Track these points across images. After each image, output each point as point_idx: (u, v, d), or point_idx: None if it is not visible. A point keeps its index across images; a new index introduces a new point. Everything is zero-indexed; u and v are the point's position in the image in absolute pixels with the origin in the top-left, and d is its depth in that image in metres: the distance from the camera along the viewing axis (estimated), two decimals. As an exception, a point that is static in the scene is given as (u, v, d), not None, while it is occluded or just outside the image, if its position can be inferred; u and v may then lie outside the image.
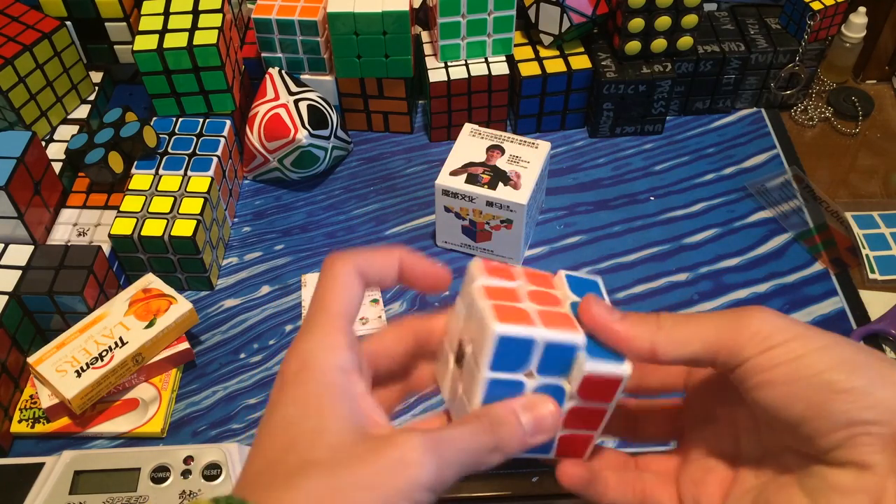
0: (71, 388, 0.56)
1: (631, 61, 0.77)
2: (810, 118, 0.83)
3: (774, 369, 0.32)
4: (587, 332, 0.35)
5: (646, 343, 0.34)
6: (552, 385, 0.35)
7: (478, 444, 0.32)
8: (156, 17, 0.69)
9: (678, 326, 0.34)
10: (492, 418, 0.33)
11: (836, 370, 0.31)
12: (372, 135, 0.82)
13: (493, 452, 0.33)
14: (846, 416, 0.31)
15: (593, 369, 0.34)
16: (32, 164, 0.64)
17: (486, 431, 0.33)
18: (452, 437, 0.32)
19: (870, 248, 0.70)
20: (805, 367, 0.32)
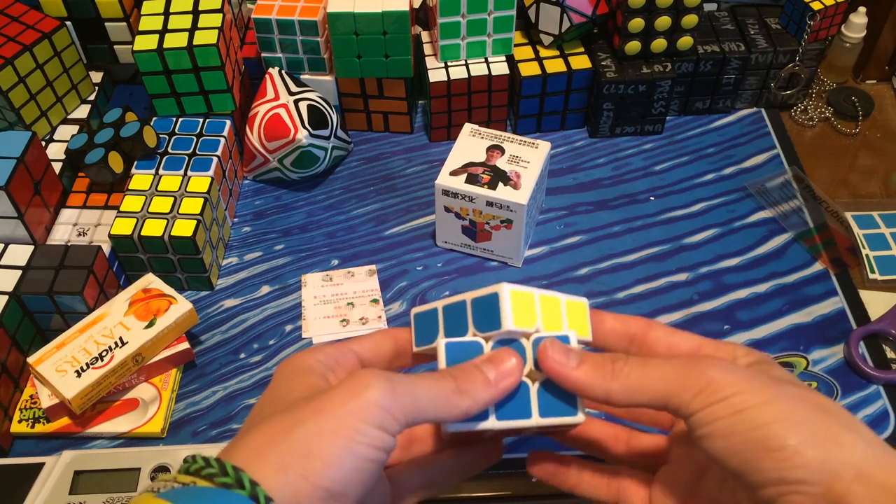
0: (71, 388, 0.56)
1: (631, 61, 0.77)
2: (810, 118, 0.83)
3: (715, 423, 0.33)
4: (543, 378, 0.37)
5: (600, 392, 0.35)
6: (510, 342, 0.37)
7: (437, 384, 0.34)
8: (156, 17, 0.69)
9: (633, 374, 0.35)
10: (452, 369, 0.35)
11: (772, 426, 0.32)
12: (372, 135, 0.82)
13: (458, 394, 0.34)
14: (777, 475, 0.32)
15: (547, 423, 0.37)
16: (32, 164, 0.64)
17: (446, 376, 0.34)
18: (410, 375, 0.34)
19: (870, 248, 0.70)
20: (744, 422, 0.32)
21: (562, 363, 0.36)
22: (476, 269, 0.70)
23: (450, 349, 0.36)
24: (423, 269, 0.70)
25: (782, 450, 0.31)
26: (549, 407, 0.37)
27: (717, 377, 0.33)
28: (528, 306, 0.37)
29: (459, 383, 0.34)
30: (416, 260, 0.71)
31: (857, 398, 0.61)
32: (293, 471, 0.29)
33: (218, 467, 0.30)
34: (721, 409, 0.33)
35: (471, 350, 0.37)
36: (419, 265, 0.70)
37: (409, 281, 0.69)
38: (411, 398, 0.32)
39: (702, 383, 0.33)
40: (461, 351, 0.36)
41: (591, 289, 0.68)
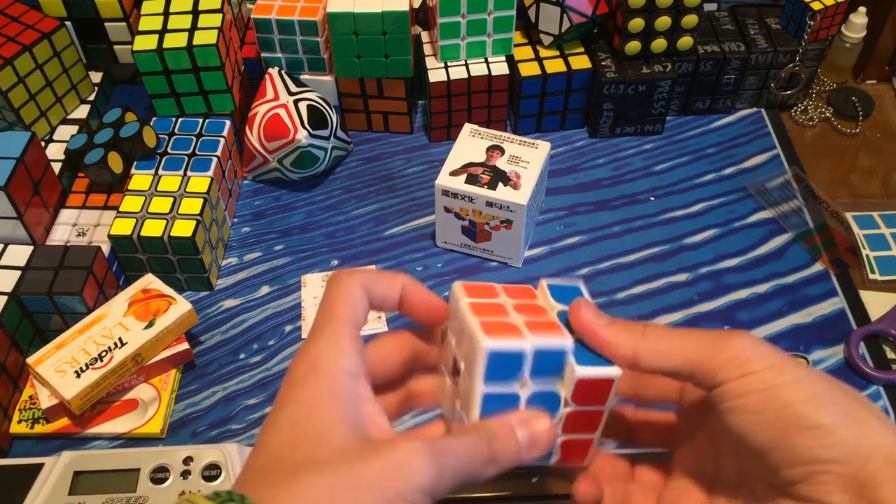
0: (70, 389, 0.56)
1: (631, 61, 0.77)
2: (810, 118, 0.83)
3: (747, 396, 0.33)
4: (576, 338, 0.36)
5: (628, 351, 0.35)
6: (547, 392, 0.36)
7: (475, 455, 0.33)
8: (155, 17, 0.69)
9: (662, 339, 0.35)
10: (489, 431, 0.34)
11: (805, 404, 0.32)
12: (372, 135, 0.82)
13: (489, 464, 0.33)
14: (809, 453, 0.32)
15: (584, 374, 0.35)
16: (32, 164, 0.64)
17: (483, 444, 0.33)
18: (452, 445, 0.33)
19: (870, 249, 0.70)
20: (776, 398, 0.32)
21: (592, 321, 0.36)
22: (476, 270, 0.70)
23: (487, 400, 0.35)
24: (423, 270, 0.70)
25: (817, 428, 0.31)
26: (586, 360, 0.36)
27: (746, 349, 0.33)
28: None
29: (494, 452, 0.34)
30: (415, 260, 0.71)
31: (858, 398, 0.61)
32: None
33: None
34: (754, 382, 0.32)
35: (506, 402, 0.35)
36: (419, 265, 0.70)
37: (408, 281, 0.69)
38: (452, 476, 0.32)
39: (730, 353, 0.33)
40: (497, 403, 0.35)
41: (592, 289, 0.68)
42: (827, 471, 0.31)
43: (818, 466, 0.31)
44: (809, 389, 0.32)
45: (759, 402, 0.32)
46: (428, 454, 0.31)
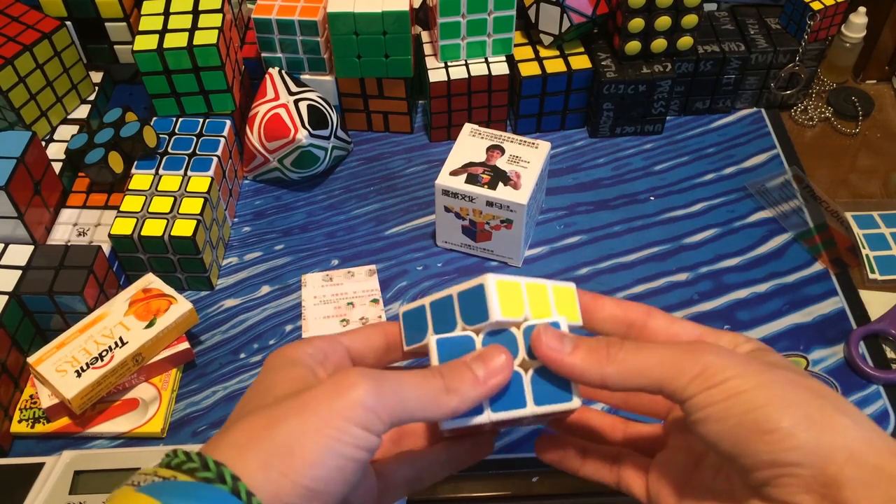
0: (71, 388, 0.56)
1: (631, 61, 0.77)
2: (810, 118, 0.83)
3: (710, 407, 0.33)
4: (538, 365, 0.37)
5: (596, 376, 0.35)
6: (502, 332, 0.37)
7: (425, 382, 0.34)
8: (156, 17, 0.69)
9: (629, 358, 0.35)
10: (441, 367, 0.35)
11: (766, 409, 0.32)
12: (372, 135, 0.82)
13: (446, 393, 0.34)
14: (769, 457, 0.32)
15: (543, 411, 0.36)
16: (32, 164, 0.64)
17: (434, 374, 0.34)
18: (397, 373, 0.34)
19: (870, 248, 0.70)
20: (737, 405, 0.32)
21: (556, 349, 0.36)
22: (476, 270, 0.70)
23: (441, 345, 0.36)
24: (423, 269, 0.70)
25: (775, 432, 0.31)
26: (544, 395, 0.36)
27: (712, 362, 0.34)
28: (515, 295, 0.37)
29: (447, 381, 0.34)
30: (416, 260, 0.71)
31: (857, 398, 0.61)
32: (275, 468, 0.29)
33: (199, 462, 0.29)
34: (716, 394, 0.33)
35: (462, 345, 0.36)
36: (419, 265, 0.70)
37: (409, 281, 0.69)
38: (398, 398, 0.32)
39: (698, 368, 0.34)
40: (452, 347, 0.36)
41: (591, 289, 0.68)
42: (789, 473, 0.32)
43: (780, 469, 0.32)
44: (771, 393, 0.32)
45: (722, 411, 0.33)
46: (364, 374, 0.32)
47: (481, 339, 0.37)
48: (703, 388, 0.33)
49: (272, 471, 0.29)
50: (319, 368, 0.35)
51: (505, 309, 0.36)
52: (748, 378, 0.33)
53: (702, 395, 0.33)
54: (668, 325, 0.39)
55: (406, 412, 0.33)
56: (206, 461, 0.29)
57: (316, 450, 0.30)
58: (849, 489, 0.31)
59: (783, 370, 0.34)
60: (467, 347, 0.36)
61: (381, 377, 0.32)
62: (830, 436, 0.31)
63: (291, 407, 0.31)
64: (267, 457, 0.30)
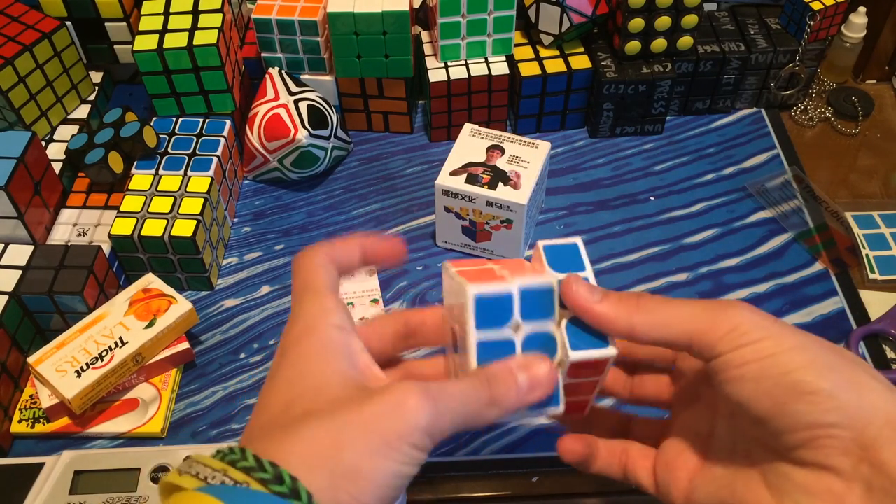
0: (71, 388, 0.56)
1: (631, 61, 0.77)
2: (810, 118, 0.83)
3: (745, 366, 0.33)
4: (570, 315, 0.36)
5: (624, 325, 0.35)
6: (542, 334, 0.36)
7: (474, 396, 0.33)
8: (156, 17, 0.69)
9: (658, 310, 0.35)
10: (487, 374, 0.35)
11: (804, 371, 0.32)
12: (372, 135, 0.82)
13: (489, 406, 0.34)
14: (809, 418, 0.32)
15: (578, 357, 0.36)
16: (32, 164, 0.64)
17: (482, 386, 0.34)
18: (449, 387, 0.33)
19: (870, 248, 0.70)
20: (774, 366, 0.32)
21: (586, 297, 0.36)
22: (476, 269, 0.70)
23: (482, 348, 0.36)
24: (423, 269, 0.70)
25: (817, 393, 0.32)
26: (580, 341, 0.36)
27: (746, 319, 0.33)
28: None
29: (494, 393, 0.34)
30: (416, 260, 0.71)
31: (857, 398, 0.61)
32: (343, 490, 0.30)
33: (273, 473, 0.29)
34: (750, 353, 0.33)
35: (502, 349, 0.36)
36: (419, 265, 0.70)
37: (409, 281, 0.69)
38: (450, 418, 0.32)
39: (729, 324, 0.33)
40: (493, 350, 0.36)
41: (591, 289, 0.68)
42: (828, 435, 0.32)
43: (819, 431, 0.32)
44: (807, 356, 0.32)
45: (758, 371, 0.33)
46: (424, 394, 0.32)
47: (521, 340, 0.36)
48: (735, 346, 0.33)
49: (340, 492, 0.30)
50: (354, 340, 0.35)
51: None
52: (784, 338, 0.33)
53: (734, 354, 0.33)
54: None
55: (454, 429, 0.33)
56: (280, 475, 0.29)
57: (381, 473, 0.30)
58: (887, 451, 0.31)
59: (809, 334, 0.34)
60: (507, 352, 0.36)
61: (438, 397, 0.32)
62: (869, 399, 0.32)
63: (356, 426, 0.31)
64: (335, 478, 0.30)
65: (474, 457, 0.58)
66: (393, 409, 0.31)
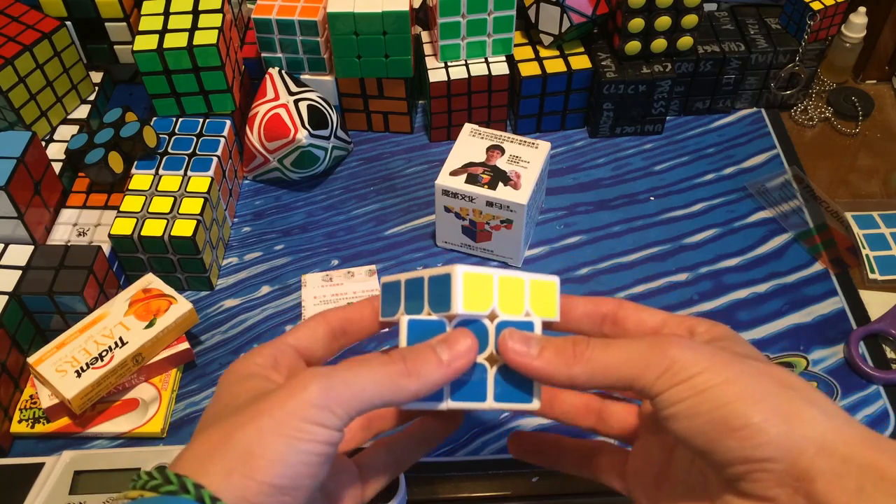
0: (71, 388, 0.56)
1: (631, 61, 0.77)
2: (810, 118, 0.83)
3: (679, 404, 0.33)
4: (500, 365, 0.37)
5: (564, 378, 0.35)
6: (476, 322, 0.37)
7: (384, 369, 0.34)
8: (156, 17, 0.69)
9: (594, 358, 0.35)
10: (403, 350, 0.35)
11: (734, 405, 0.32)
12: (372, 135, 0.82)
13: (407, 376, 0.34)
14: (741, 453, 0.32)
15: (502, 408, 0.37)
16: (32, 164, 0.64)
17: (396, 359, 0.34)
18: (349, 362, 0.34)
19: (870, 248, 0.70)
20: (706, 402, 0.32)
21: (522, 353, 0.36)
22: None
23: (412, 327, 0.36)
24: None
25: (746, 428, 0.31)
26: (505, 393, 0.37)
27: (680, 357, 0.33)
28: (484, 289, 0.36)
29: (409, 364, 0.34)
30: (416, 260, 0.71)
31: (857, 398, 0.61)
32: (237, 472, 0.30)
33: (161, 478, 0.31)
34: (685, 390, 0.33)
35: (434, 329, 0.36)
36: (419, 265, 0.70)
37: (409, 281, 0.69)
38: (351, 391, 0.33)
39: (665, 363, 0.33)
40: (424, 329, 0.36)
41: (591, 289, 0.68)
42: (762, 468, 0.32)
43: (752, 465, 0.32)
44: (739, 388, 0.32)
45: (692, 408, 0.33)
46: (315, 373, 0.33)
47: (453, 325, 0.37)
48: (671, 385, 0.33)
49: (234, 475, 0.30)
50: (274, 374, 0.36)
51: (468, 303, 0.36)
52: (716, 373, 0.33)
53: (670, 392, 0.33)
54: (636, 313, 0.39)
55: (363, 401, 0.33)
56: (167, 476, 0.31)
57: (275, 450, 0.31)
58: (820, 481, 0.31)
59: (750, 361, 0.34)
60: (439, 331, 0.36)
61: (331, 373, 0.33)
62: (801, 428, 0.31)
63: (247, 414, 0.32)
64: (227, 463, 0.31)
65: (474, 457, 0.58)
66: (283, 392, 0.32)
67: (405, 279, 0.38)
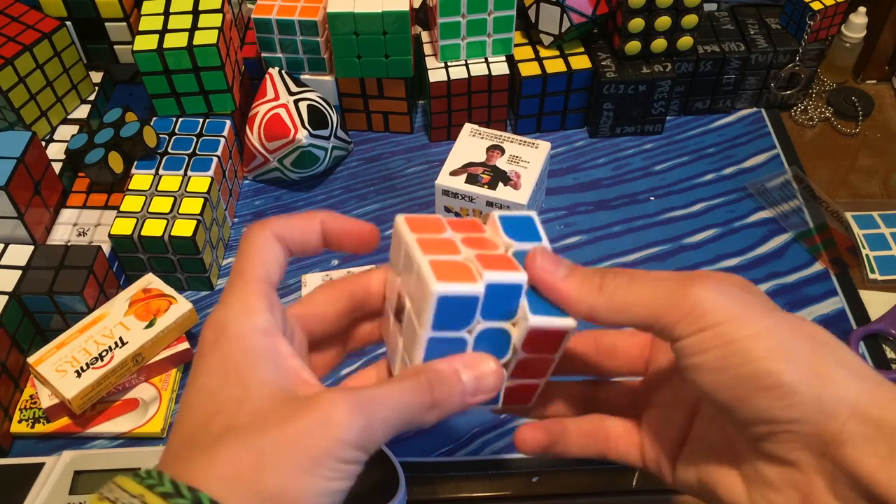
0: (71, 388, 0.56)
1: (631, 61, 0.77)
2: (810, 118, 0.83)
3: (704, 353, 0.31)
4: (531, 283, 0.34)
5: (585, 308, 0.34)
6: (496, 330, 0.34)
7: (413, 401, 0.32)
8: (156, 17, 0.69)
9: (619, 291, 0.33)
10: (430, 376, 0.32)
11: (765, 361, 0.30)
12: (372, 135, 0.82)
13: (430, 409, 0.32)
14: (769, 413, 0.30)
15: (537, 323, 0.34)
16: (32, 164, 0.64)
17: (424, 389, 0.32)
18: (384, 394, 0.31)
19: (870, 248, 0.70)
20: (734, 355, 0.30)
21: (550, 272, 0.34)
22: (476, 269, 0.70)
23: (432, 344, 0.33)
24: (423, 269, 0.70)
25: (777, 388, 0.30)
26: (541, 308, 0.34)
27: (704, 299, 0.31)
28: None
29: (436, 396, 0.32)
30: (416, 260, 0.71)
31: (857, 398, 0.61)
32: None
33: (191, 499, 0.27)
34: (711, 338, 0.30)
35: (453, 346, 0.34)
36: (419, 265, 0.70)
37: (409, 281, 0.69)
38: (384, 427, 0.30)
39: (689, 305, 0.31)
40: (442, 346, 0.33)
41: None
42: (788, 430, 0.30)
43: (780, 426, 0.30)
44: (770, 343, 0.30)
45: (718, 360, 0.30)
46: (353, 406, 0.30)
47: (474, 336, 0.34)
48: (694, 330, 0.31)
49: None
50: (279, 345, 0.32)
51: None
52: (745, 324, 0.30)
53: (693, 338, 0.31)
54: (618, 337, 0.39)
55: (390, 436, 0.31)
56: (199, 500, 0.27)
57: (308, 493, 0.29)
58: (850, 446, 0.29)
59: (781, 314, 0.32)
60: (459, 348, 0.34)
61: (369, 407, 0.30)
62: (833, 390, 0.30)
63: (279, 444, 0.29)
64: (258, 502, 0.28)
65: (474, 457, 0.58)
66: (318, 424, 0.29)
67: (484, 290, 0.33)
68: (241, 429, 0.29)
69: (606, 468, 0.57)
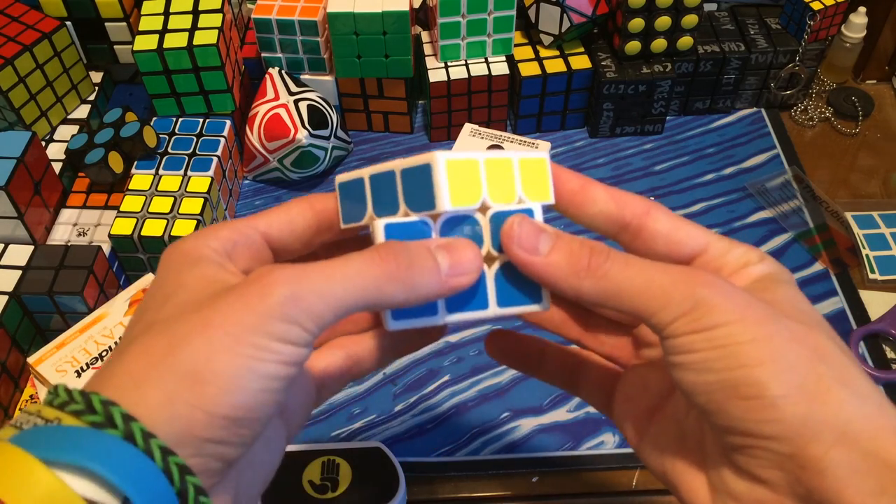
0: (71, 388, 0.56)
1: (631, 61, 0.77)
2: (810, 118, 0.83)
3: (691, 354, 0.28)
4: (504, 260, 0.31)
5: (569, 289, 0.30)
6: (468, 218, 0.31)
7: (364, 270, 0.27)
8: (156, 17, 0.69)
9: (611, 275, 0.30)
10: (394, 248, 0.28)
11: (753, 370, 0.27)
12: (372, 135, 0.82)
13: (393, 282, 0.28)
14: (742, 425, 0.27)
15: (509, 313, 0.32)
16: (32, 164, 0.64)
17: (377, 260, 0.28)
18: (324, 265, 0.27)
19: (870, 248, 0.70)
20: (722, 359, 0.27)
21: (530, 248, 0.30)
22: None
23: (390, 231, 0.30)
24: (423, 269, 0.70)
25: (757, 399, 0.27)
26: (510, 296, 0.31)
27: (708, 300, 0.28)
28: (471, 178, 0.30)
29: (402, 269, 0.28)
30: (416, 260, 0.71)
31: (857, 398, 0.61)
32: (181, 400, 0.24)
33: (83, 402, 0.24)
34: (701, 341, 0.28)
35: (417, 232, 0.30)
36: (419, 265, 0.70)
37: (409, 281, 0.69)
38: (327, 299, 0.26)
39: (688, 304, 0.28)
40: (404, 234, 0.30)
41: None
42: (762, 446, 0.27)
43: (753, 440, 0.27)
44: (763, 351, 0.27)
45: (704, 363, 0.28)
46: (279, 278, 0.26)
47: (439, 225, 0.31)
48: (689, 331, 0.28)
49: (178, 404, 0.24)
50: (228, 263, 0.29)
51: (456, 197, 0.29)
52: (744, 328, 0.27)
53: (686, 339, 0.28)
54: (672, 230, 0.32)
55: (341, 310, 0.27)
56: (90, 401, 0.24)
57: (230, 373, 0.25)
58: (831, 476, 0.26)
59: (789, 322, 0.28)
60: (422, 235, 0.30)
61: (301, 276, 0.26)
62: (822, 412, 0.26)
63: (196, 323, 0.25)
64: (169, 388, 0.24)
65: (474, 457, 0.58)
66: (242, 295, 0.26)
67: (369, 174, 0.31)
68: (160, 321, 0.26)
69: (606, 468, 0.57)
